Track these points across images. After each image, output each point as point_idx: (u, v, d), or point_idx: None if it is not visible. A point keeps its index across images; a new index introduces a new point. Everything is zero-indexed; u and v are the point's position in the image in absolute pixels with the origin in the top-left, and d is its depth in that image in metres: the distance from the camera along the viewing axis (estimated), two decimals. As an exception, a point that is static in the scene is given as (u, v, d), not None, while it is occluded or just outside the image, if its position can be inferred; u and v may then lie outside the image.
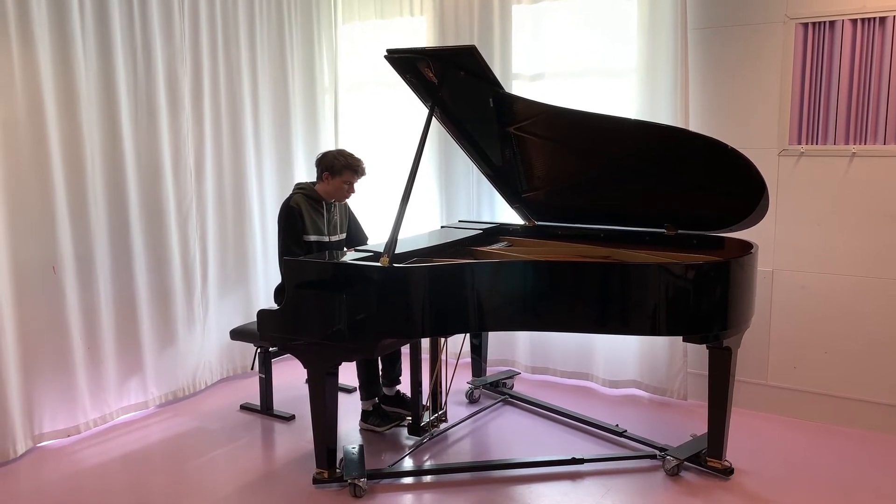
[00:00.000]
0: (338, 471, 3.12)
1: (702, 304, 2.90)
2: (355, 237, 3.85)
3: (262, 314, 3.09)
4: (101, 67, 3.65)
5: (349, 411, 3.84)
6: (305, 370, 3.09)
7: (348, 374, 4.01)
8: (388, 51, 3.13)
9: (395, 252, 2.93)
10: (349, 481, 3.02)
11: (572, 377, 4.36)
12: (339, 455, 3.20)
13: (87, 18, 3.56)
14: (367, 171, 3.62)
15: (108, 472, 3.29)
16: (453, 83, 3.21)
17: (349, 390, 4.21)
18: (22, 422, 3.41)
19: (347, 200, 3.75)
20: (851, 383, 3.63)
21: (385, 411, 3.67)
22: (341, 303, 2.87)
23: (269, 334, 3.11)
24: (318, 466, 3.12)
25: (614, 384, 4.20)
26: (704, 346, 3.09)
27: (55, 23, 3.43)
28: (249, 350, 4.42)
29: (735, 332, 3.01)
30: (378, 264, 2.86)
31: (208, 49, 4.17)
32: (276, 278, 4.21)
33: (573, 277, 2.92)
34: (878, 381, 3.57)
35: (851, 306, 3.60)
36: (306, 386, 4.26)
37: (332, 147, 4.94)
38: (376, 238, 4.02)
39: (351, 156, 3.57)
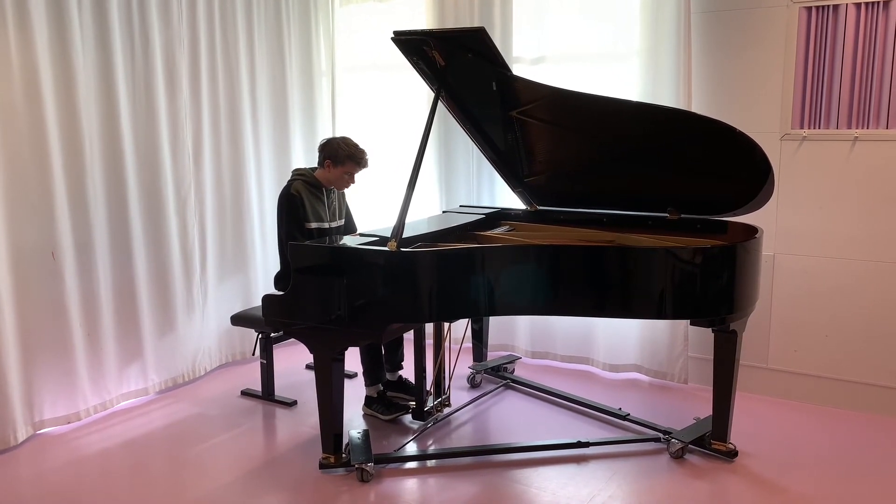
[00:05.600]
0: (343, 456, 3.12)
1: (709, 287, 2.91)
2: (347, 226, 3.81)
3: (268, 299, 3.07)
4: (99, 51, 3.59)
5: (351, 396, 3.83)
6: (307, 355, 3.08)
7: (350, 359, 3.99)
8: (396, 33, 3.09)
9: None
10: (356, 466, 3.02)
11: (573, 361, 4.37)
12: (344, 440, 3.19)
13: (84, 1, 3.49)
14: (369, 163, 3.57)
15: (109, 458, 3.27)
16: (459, 66, 3.19)
17: (350, 376, 4.19)
18: (22, 409, 3.37)
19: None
20: (852, 366, 3.66)
21: (390, 399, 3.66)
22: (349, 288, 2.85)
23: (274, 319, 3.09)
24: (324, 451, 3.12)
25: (615, 368, 4.21)
26: (707, 329, 3.11)
27: (52, 6, 3.36)
28: (248, 336, 4.40)
29: (741, 315, 3.03)
30: (386, 249, 2.84)
31: (206, 32, 4.11)
32: (275, 263, 4.19)
33: (582, 262, 2.92)
34: (878, 363, 3.60)
35: (852, 290, 3.62)
36: (307, 371, 4.30)
37: (328, 130, 4.92)
38: (369, 223, 4.01)
39: (356, 146, 3.51)
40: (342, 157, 3.47)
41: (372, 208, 4.76)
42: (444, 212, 4.17)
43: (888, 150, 3.45)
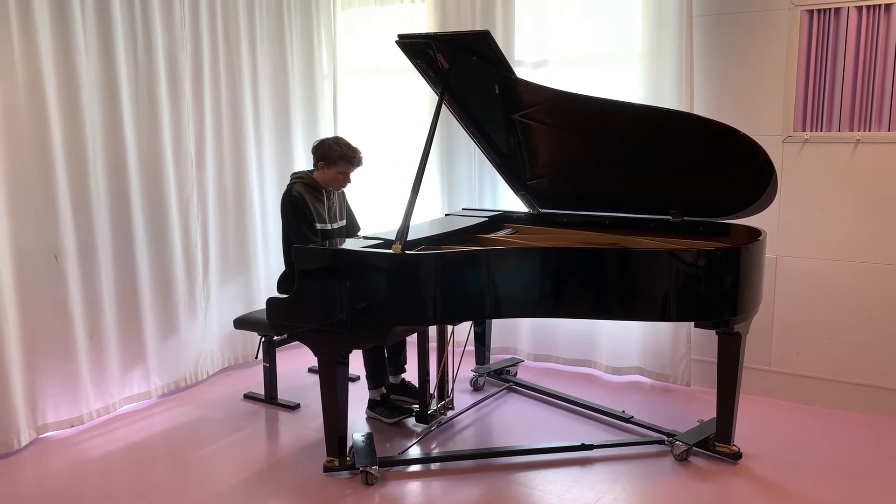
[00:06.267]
0: (348, 459, 3.11)
1: (713, 290, 2.92)
2: (349, 227, 3.82)
3: (272, 302, 3.07)
4: (102, 55, 3.59)
5: (354, 399, 3.81)
6: (309, 359, 3.07)
7: (352, 363, 3.98)
8: (400, 36, 3.10)
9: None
10: (361, 469, 3.01)
11: (575, 364, 4.37)
12: (348, 443, 3.19)
13: (88, 5, 3.50)
14: (363, 161, 3.57)
15: (112, 462, 3.26)
16: (464, 69, 3.19)
17: (353, 379, 4.19)
18: (25, 412, 3.37)
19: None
20: (854, 368, 3.67)
21: (393, 403, 3.65)
22: (354, 290, 2.85)
23: (278, 322, 3.09)
24: (328, 454, 3.11)
25: (617, 371, 4.21)
26: (709, 331, 3.11)
27: (56, 10, 3.37)
28: (251, 339, 4.40)
29: (745, 317, 3.03)
30: (391, 251, 2.84)
31: (208, 35, 4.12)
32: (277, 267, 4.20)
33: (586, 264, 2.92)
34: (881, 365, 3.61)
35: (854, 292, 3.63)
36: (310, 375, 4.29)
37: (330, 134, 4.91)
38: (371, 226, 4.01)
39: (348, 145, 3.52)
40: (335, 157, 3.47)
41: (374, 211, 4.76)
42: (446, 215, 4.17)
43: (890, 152, 3.46)
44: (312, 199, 3.52)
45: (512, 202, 4.14)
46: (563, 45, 4.18)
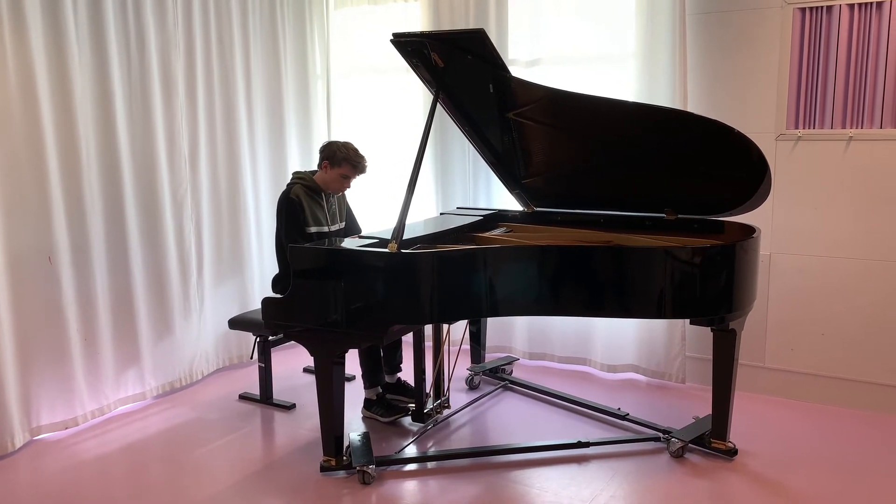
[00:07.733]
0: (345, 458, 3.11)
1: (708, 287, 2.93)
2: (350, 228, 3.82)
3: (268, 302, 3.06)
4: (95, 55, 3.58)
5: (350, 399, 3.81)
6: (305, 359, 3.07)
7: (348, 362, 3.98)
8: (395, 34, 3.09)
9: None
10: (358, 468, 3.01)
11: (570, 362, 4.37)
12: (345, 443, 3.19)
13: (80, 5, 3.49)
14: (367, 170, 3.57)
15: (107, 464, 3.25)
16: (458, 68, 3.19)
17: (349, 378, 4.18)
18: (19, 414, 3.35)
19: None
20: (848, 364, 3.69)
21: (389, 402, 3.65)
22: (350, 290, 2.85)
23: (274, 322, 3.08)
24: (325, 454, 3.11)
25: (612, 369, 4.22)
26: (704, 329, 3.13)
27: (48, 10, 3.35)
28: (245, 339, 4.39)
29: (740, 314, 3.05)
30: (387, 250, 2.84)
31: (201, 35, 4.11)
32: (271, 267, 4.19)
33: (582, 262, 2.92)
34: (874, 362, 3.63)
35: (848, 288, 3.65)
36: (305, 375, 4.29)
37: (324, 133, 4.93)
38: (365, 226, 4.01)
39: (356, 151, 3.53)
40: (339, 158, 3.48)
41: (369, 211, 4.75)
42: (441, 213, 4.17)
43: (882, 149, 3.48)
44: (310, 202, 3.52)
45: (507, 201, 4.15)
46: (556, 44, 4.18)
